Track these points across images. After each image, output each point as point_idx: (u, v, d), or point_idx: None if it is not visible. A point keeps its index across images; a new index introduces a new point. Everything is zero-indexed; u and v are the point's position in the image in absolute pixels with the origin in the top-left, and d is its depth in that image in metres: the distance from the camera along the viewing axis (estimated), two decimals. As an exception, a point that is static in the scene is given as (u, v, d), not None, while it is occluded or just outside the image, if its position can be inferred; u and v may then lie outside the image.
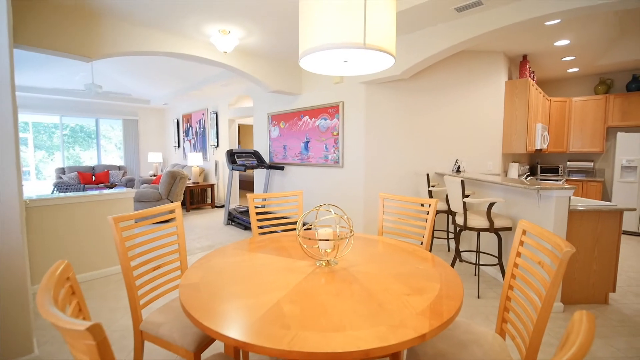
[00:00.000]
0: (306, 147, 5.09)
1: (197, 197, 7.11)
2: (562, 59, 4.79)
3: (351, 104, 4.46)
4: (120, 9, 3.10)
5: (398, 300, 1.15)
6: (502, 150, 4.52)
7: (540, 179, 5.41)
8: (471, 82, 4.39)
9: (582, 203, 2.77)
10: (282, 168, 5.39)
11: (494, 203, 2.75)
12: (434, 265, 1.51)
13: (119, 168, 8.58)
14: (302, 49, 1.46)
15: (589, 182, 5.54)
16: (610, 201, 5.43)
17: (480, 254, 3.52)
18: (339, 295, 1.18)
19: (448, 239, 3.94)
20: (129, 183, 8.04)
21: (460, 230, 2.98)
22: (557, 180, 5.01)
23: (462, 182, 2.78)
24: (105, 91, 7.91)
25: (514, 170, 4.56)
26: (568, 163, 6.03)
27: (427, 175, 3.64)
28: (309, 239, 1.44)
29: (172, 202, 5.52)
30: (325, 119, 4.76)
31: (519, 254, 1.46)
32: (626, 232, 5.18)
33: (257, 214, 4.72)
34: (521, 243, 1.46)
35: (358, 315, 1.04)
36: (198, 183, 6.95)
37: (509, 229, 2.81)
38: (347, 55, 1.56)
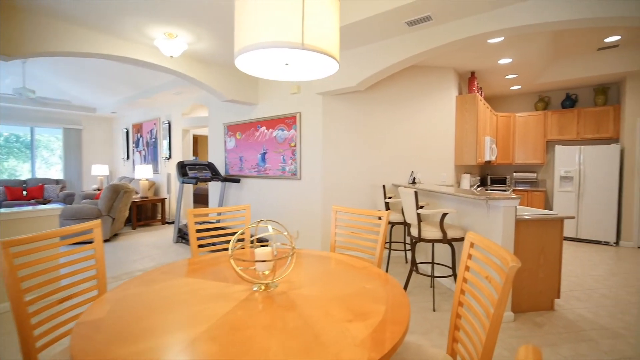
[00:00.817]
0: (263, 159, 4.90)
1: (145, 213, 6.57)
2: (506, 77, 5.11)
3: (308, 114, 4.38)
4: (45, 3, 2.77)
5: (337, 328, 1.01)
6: (454, 162, 4.67)
7: (490, 190, 5.68)
8: (425, 95, 4.51)
9: (527, 212, 2.87)
10: (237, 181, 5.14)
11: (447, 214, 2.75)
12: (383, 284, 1.40)
13: (57, 182, 7.75)
14: (236, 47, 1.33)
15: (533, 191, 5.90)
16: (552, 209, 5.82)
17: (436, 265, 3.52)
18: (270, 327, 1.02)
19: (405, 250, 3.93)
20: (68, 198, 7.27)
21: (415, 242, 2.95)
22: (505, 191, 5.28)
23: (416, 193, 2.76)
24: (40, 97, 7.17)
25: (466, 181, 4.72)
26: (514, 174, 6.41)
27: (384, 186, 3.62)
28: (244, 260, 1.27)
29: (114, 219, 5.02)
30: (283, 130, 4.63)
31: (467, 268, 1.39)
32: (566, 238, 5.55)
33: (204, 230, 4.41)
34: (469, 256, 1.40)
35: (287, 351, 0.88)
36: (147, 197, 6.44)
37: (462, 239, 2.82)
38: (287, 57, 1.45)
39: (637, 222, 5.02)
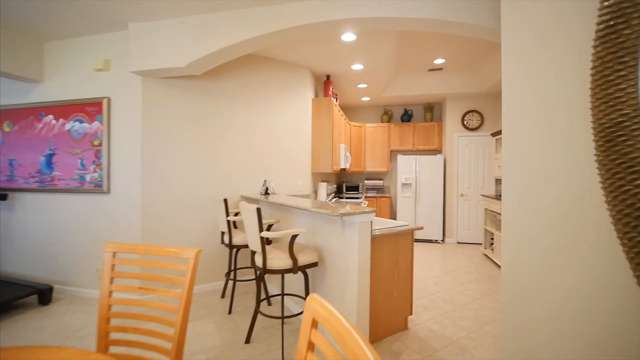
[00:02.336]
0: (49, 164, 3.31)
1: None
2: (358, 85, 5.17)
3: (121, 102, 3.14)
4: None
5: None
6: (311, 170, 4.31)
7: (345, 198, 5.70)
8: (280, 94, 3.98)
9: (380, 226, 2.61)
10: (3, 197, 3.33)
11: (297, 235, 2.18)
12: None
13: None
14: None
15: (380, 198, 6.27)
16: (396, 214, 6.31)
17: (291, 296, 2.95)
18: None
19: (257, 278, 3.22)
20: None
21: (261, 275, 2.26)
22: (358, 198, 5.35)
23: (258, 210, 2.08)
24: None
25: (323, 189, 4.43)
26: (366, 181, 6.71)
27: (225, 201, 2.81)
28: None
29: None
30: (82, 122, 3.21)
31: (308, 370, 0.74)
32: (408, 240, 6.08)
33: None
34: (310, 346, 0.75)
35: None
36: None
37: (315, 264, 2.30)
38: None
39: (455, 221, 5.91)
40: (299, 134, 4.14)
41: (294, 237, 2.14)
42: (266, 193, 3.54)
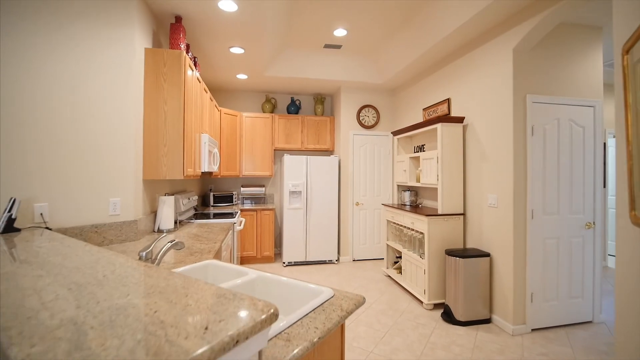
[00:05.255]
0: None
1: None
2: (230, 49, 3.50)
3: None
4: None
5: None
6: (142, 175, 2.42)
7: (214, 214, 3.92)
8: (75, 28, 1.97)
9: (280, 322, 1.11)
10: None
11: None
12: None
13: None
14: None
15: (262, 210, 4.76)
16: (281, 230, 4.88)
17: None
18: None
19: None
20: None
21: None
22: (231, 216, 3.69)
23: None
24: None
25: (168, 208, 2.60)
26: (242, 189, 5.07)
27: None
28: None
29: None
30: None
31: None
32: (296, 263, 4.77)
33: None
34: None
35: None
36: None
37: None
38: None
39: (351, 236, 4.95)
40: (115, 109, 2.20)
41: None
42: (8, 230, 1.53)
